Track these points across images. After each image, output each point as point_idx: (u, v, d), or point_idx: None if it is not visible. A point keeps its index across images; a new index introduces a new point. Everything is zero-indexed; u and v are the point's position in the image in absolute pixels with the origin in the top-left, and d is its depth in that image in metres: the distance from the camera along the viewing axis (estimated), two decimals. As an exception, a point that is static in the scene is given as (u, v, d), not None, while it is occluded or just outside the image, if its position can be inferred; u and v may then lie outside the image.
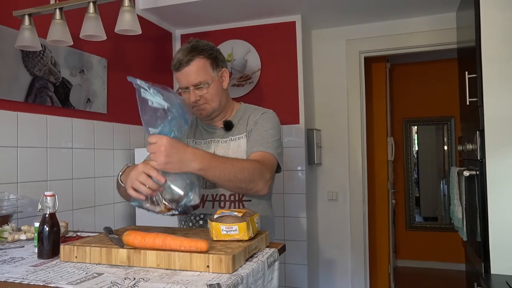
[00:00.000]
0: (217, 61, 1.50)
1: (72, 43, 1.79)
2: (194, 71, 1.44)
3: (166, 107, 1.18)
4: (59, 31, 1.72)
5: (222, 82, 1.53)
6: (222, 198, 1.49)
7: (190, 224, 1.54)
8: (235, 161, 1.32)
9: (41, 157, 1.96)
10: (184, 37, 3.16)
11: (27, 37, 1.71)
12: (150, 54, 2.87)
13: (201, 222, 1.52)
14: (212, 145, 1.54)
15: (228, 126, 1.54)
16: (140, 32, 1.70)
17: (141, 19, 2.36)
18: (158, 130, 1.19)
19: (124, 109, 2.57)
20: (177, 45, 3.17)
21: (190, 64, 1.43)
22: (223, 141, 1.54)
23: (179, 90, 1.50)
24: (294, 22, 2.91)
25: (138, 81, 1.22)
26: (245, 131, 1.52)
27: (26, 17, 1.72)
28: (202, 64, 1.45)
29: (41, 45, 1.82)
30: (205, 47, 1.48)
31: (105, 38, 1.74)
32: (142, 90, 1.22)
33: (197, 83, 1.44)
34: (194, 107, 1.50)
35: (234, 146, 1.51)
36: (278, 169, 1.49)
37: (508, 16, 1.70)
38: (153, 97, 1.21)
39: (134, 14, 1.67)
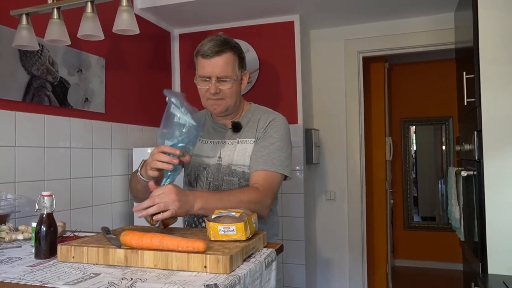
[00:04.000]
0: (243, 62, 1.51)
1: (70, 43, 1.78)
2: (223, 63, 1.43)
3: (193, 125, 1.28)
4: (56, 31, 1.71)
5: (241, 84, 1.54)
6: None
7: (193, 225, 1.54)
8: (232, 196, 1.32)
9: (38, 156, 1.96)
10: (182, 37, 3.16)
11: (24, 36, 1.71)
12: (148, 54, 2.86)
13: (203, 224, 1.52)
14: (218, 145, 1.54)
15: (236, 127, 1.53)
16: (138, 32, 1.70)
17: (139, 19, 2.35)
18: (176, 142, 1.28)
19: (122, 108, 2.57)
20: (175, 45, 3.17)
21: (221, 55, 1.42)
22: (230, 142, 1.53)
23: (199, 78, 1.47)
24: (293, 22, 2.91)
25: (173, 99, 1.29)
26: (254, 137, 1.51)
27: (24, 17, 1.72)
28: (232, 59, 1.45)
29: (39, 44, 1.82)
30: (236, 44, 1.49)
31: (103, 38, 1.73)
32: (172, 105, 1.29)
33: (223, 76, 1.43)
34: (209, 100, 1.48)
35: (240, 149, 1.51)
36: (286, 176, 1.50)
37: (506, 17, 1.70)
38: (183, 114, 1.28)
39: (132, 13, 1.67)
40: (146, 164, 1.33)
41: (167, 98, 1.30)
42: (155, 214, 1.19)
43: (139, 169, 1.38)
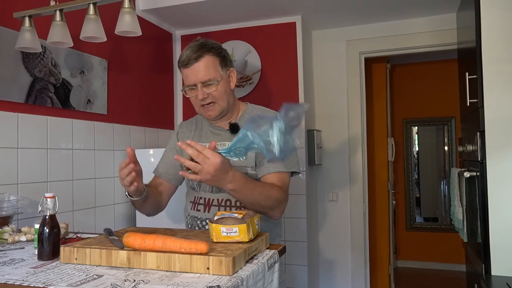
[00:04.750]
0: (225, 60, 1.51)
1: (72, 45, 1.79)
2: (204, 67, 1.43)
3: (273, 149, 1.16)
4: (59, 33, 1.72)
5: (230, 82, 1.53)
6: (228, 203, 1.48)
7: (196, 228, 1.53)
8: (263, 188, 1.37)
9: (41, 158, 1.96)
10: (184, 38, 3.16)
11: (27, 38, 1.71)
12: (150, 55, 2.87)
13: (207, 227, 1.51)
14: (218, 148, 1.53)
15: (234, 129, 1.53)
16: (140, 33, 1.70)
17: (141, 20, 2.36)
18: (250, 141, 1.18)
19: (124, 110, 2.57)
20: (177, 46, 3.17)
21: (199, 60, 1.43)
22: (228, 144, 1.53)
23: (186, 88, 1.48)
24: (295, 22, 2.91)
25: (283, 124, 1.16)
26: None
27: (27, 19, 1.72)
28: (211, 61, 1.45)
29: (42, 46, 1.82)
30: (214, 45, 1.49)
31: (105, 39, 1.74)
32: (279, 125, 1.15)
33: (206, 80, 1.44)
34: (201, 107, 1.49)
35: None
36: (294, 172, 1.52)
37: (508, 17, 1.70)
38: (277, 139, 1.15)
39: (134, 15, 1.67)
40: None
41: (282, 112, 1.16)
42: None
43: (126, 193, 1.40)
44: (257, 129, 1.18)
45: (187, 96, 1.51)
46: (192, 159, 1.21)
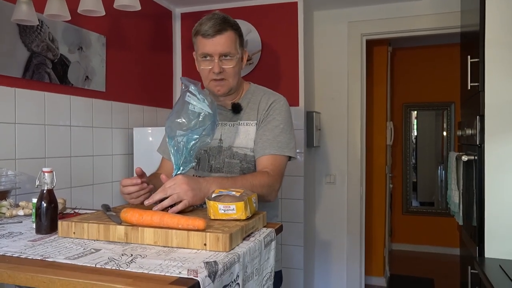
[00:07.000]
0: (242, 40, 1.51)
1: (69, 18, 1.76)
2: (225, 41, 1.42)
3: (209, 113, 1.23)
4: (56, 5, 1.69)
5: (242, 63, 1.53)
6: None
7: (194, 206, 1.54)
8: (245, 180, 1.33)
9: (39, 134, 1.96)
10: (184, 16, 3.12)
11: (24, 10, 1.68)
12: (149, 33, 2.83)
13: (204, 205, 1.51)
14: (219, 127, 1.50)
15: (237, 109, 1.52)
16: (139, 8, 1.67)
17: (140, -4, 2.31)
18: (190, 132, 1.22)
19: (123, 87, 2.55)
20: (177, 24, 3.13)
21: (223, 33, 1.41)
22: (230, 124, 1.52)
23: (200, 57, 1.45)
24: (296, 2, 2.87)
25: (192, 86, 1.25)
26: (256, 119, 1.50)
27: (23, -9, 1.69)
28: (233, 37, 1.45)
29: (39, 20, 1.79)
30: (235, 22, 1.48)
31: (103, 13, 1.71)
32: (188, 93, 1.24)
33: (226, 52, 1.42)
34: (212, 81, 1.46)
35: (242, 132, 1.49)
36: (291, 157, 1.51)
37: (514, 0, 1.67)
38: (199, 102, 1.23)
39: (134, -11, 1.64)
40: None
41: (182, 85, 1.26)
42: (169, 207, 1.18)
43: None
44: (179, 126, 1.22)
45: (200, 67, 1.48)
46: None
